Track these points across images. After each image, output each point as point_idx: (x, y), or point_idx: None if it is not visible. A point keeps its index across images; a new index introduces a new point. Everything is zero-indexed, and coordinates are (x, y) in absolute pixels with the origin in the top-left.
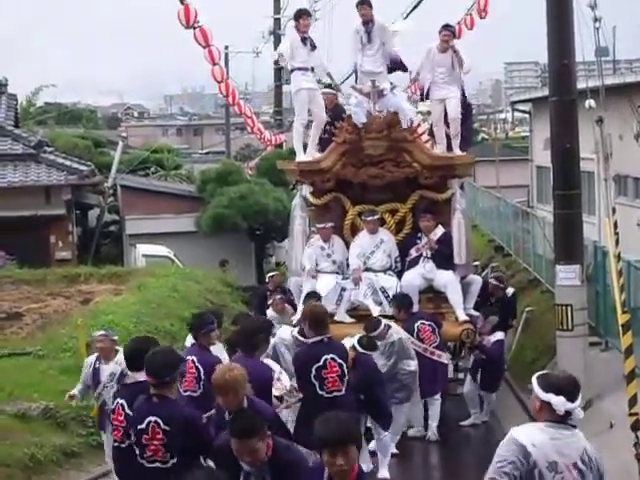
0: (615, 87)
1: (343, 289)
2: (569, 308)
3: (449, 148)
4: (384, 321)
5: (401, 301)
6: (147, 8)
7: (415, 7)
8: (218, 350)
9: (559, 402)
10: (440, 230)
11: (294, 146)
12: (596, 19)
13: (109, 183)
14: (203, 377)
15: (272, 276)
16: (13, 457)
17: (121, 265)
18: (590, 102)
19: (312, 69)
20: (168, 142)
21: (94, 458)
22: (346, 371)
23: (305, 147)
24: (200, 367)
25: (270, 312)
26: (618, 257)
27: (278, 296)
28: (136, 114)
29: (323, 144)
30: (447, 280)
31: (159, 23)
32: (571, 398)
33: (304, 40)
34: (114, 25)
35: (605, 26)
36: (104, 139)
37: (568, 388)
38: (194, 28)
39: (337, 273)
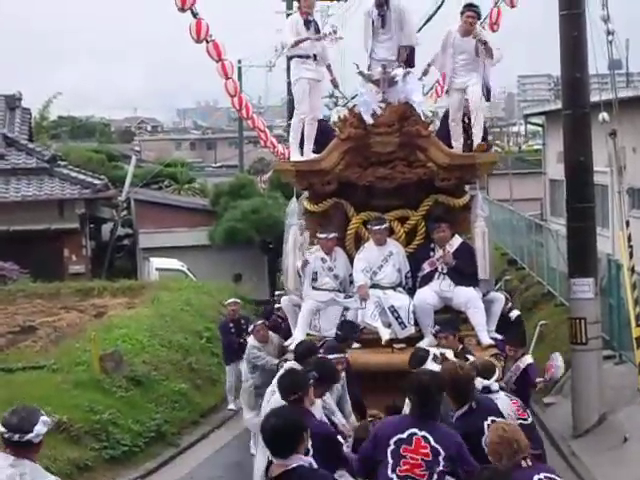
0: (628, 100)
1: (346, 309)
2: (583, 321)
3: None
4: (433, 351)
5: (453, 324)
6: (161, 21)
7: (427, 21)
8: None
9: (477, 381)
10: (457, 240)
11: (290, 143)
12: (609, 32)
13: (123, 197)
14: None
15: (234, 302)
16: None
17: (135, 279)
18: (603, 115)
19: (315, 57)
20: (181, 156)
21: (107, 472)
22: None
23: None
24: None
25: (252, 341)
26: (632, 270)
27: (259, 321)
28: (149, 128)
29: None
30: (468, 298)
31: (173, 37)
32: (486, 377)
33: (307, 23)
34: (127, 39)
35: (618, 39)
36: (117, 153)
37: (484, 372)
38: (207, 42)
39: (339, 291)
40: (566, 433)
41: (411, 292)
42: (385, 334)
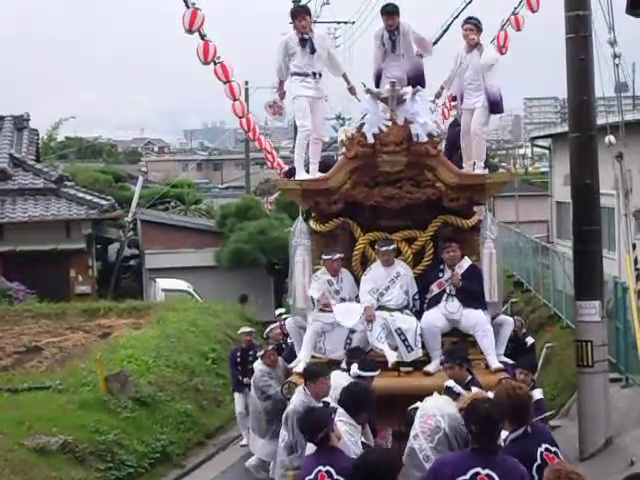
0: (635, 123)
1: (351, 331)
2: (589, 344)
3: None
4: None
5: (460, 354)
6: (168, 43)
7: (434, 43)
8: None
9: None
10: (466, 262)
11: (294, 162)
12: (616, 55)
13: (129, 217)
14: None
15: (249, 332)
16: None
17: (141, 299)
18: (610, 138)
19: (314, 74)
20: (188, 177)
21: None
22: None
23: (307, 166)
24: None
25: (260, 365)
26: (638, 293)
27: (270, 347)
28: (156, 149)
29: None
30: (477, 321)
31: (180, 58)
32: None
33: (303, 41)
34: (135, 60)
35: (624, 62)
36: (124, 174)
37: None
38: (214, 64)
39: None
40: (572, 456)
41: (418, 314)
42: (392, 357)
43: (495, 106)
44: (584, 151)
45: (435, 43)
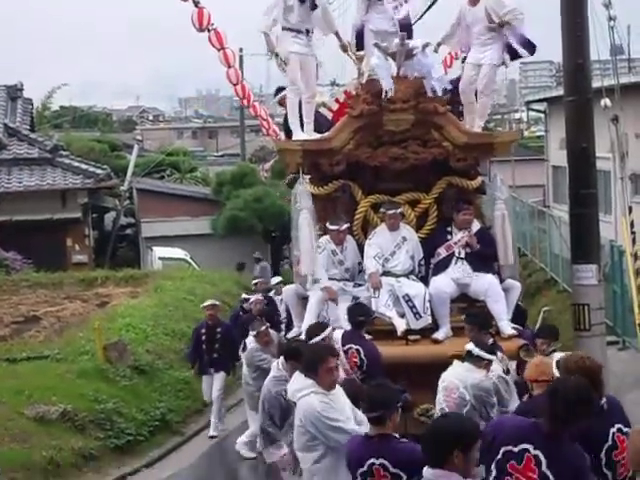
0: (630, 86)
1: (355, 298)
2: (586, 308)
3: None
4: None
5: (482, 318)
6: (162, 10)
7: (429, 7)
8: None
9: None
10: (475, 225)
11: (289, 122)
12: (611, 18)
13: (125, 186)
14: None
15: (211, 306)
16: (32, 460)
17: (137, 268)
18: (606, 101)
19: (307, 31)
20: (183, 145)
21: (112, 461)
22: None
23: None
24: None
25: (252, 342)
26: (635, 256)
27: (263, 327)
28: (151, 117)
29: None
30: (488, 286)
31: (174, 26)
32: None
33: None
34: (129, 28)
35: (620, 25)
36: (120, 142)
37: None
38: (209, 31)
39: (348, 280)
40: None
41: (423, 280)
42: (401, 325)
43: (529, 47)
44: (580, 115)
45: (421, 17)
